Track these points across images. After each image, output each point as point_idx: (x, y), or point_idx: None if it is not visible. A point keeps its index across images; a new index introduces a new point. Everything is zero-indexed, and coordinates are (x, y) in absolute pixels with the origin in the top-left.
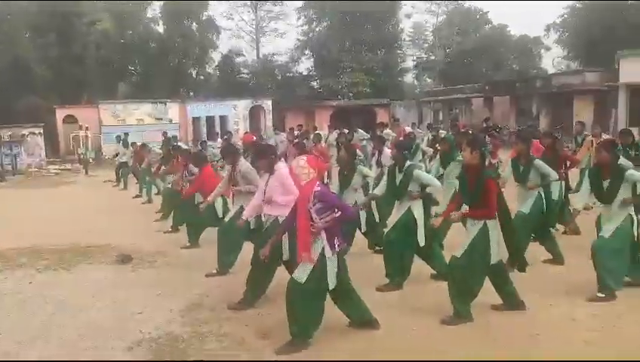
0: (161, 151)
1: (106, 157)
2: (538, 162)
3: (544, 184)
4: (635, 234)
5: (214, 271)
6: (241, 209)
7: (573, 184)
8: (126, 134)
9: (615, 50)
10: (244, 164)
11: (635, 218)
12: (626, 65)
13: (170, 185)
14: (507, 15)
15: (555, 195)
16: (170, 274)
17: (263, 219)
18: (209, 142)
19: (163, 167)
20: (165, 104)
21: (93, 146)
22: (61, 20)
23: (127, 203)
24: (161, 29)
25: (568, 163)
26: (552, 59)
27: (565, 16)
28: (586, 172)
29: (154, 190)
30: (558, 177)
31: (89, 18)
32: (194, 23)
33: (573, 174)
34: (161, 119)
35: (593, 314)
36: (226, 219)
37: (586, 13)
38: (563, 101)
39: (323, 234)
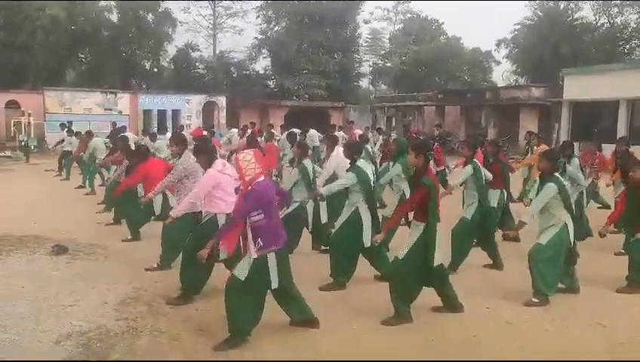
0: (107, 141)
1: (50, 146)
2: (466, 167)
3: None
4: (571, 241)
5: (155, 266)
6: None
7: (515, 193)
8: (70, 122)
9: (560, 68)
10: (184, 157)
11: (570, 226)
12: (570, 83)
13: (114, 177)
14: (461, 28)
15: (494, 203)
16: (107, 266)
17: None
18: (159, 136)
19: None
20: (116, 94)
21: (35, 134)
22: (7, 2)
23: (69, 193)
24: (115, 18)
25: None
26: (502, 73)
27: (515, 32)
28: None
29: (98, 181)
30: (490, 177)
31: (38, 2)
32: (149, 14)
33: (516, 183)
34: (111, 110)
35: (527, 319)
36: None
37: (534, 31)
38: (510, 113)
39: (249, 234)
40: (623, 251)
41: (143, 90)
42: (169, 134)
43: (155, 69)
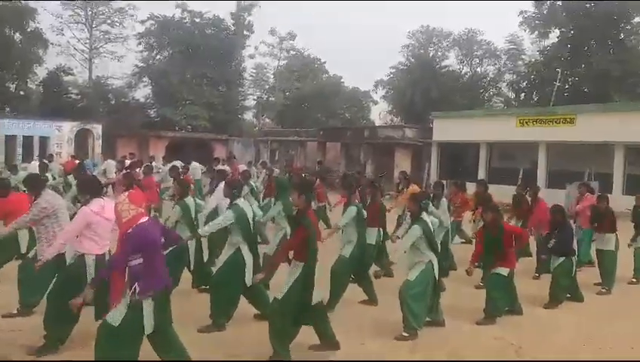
0: None
1: None
2: (349, 208)
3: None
4: (436, 277)
5: (14, 312)
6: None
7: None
8: None
9: (430, 111)
10: (43, 197)
11: (435, 263)
12: (438, 125)
13: None
14: (342, 67)
15: (371, 241)
16: None
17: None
18: (23, 165)
19: None
20: None
21: None
22: None
23: None
24: None
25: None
26: (379, 113)
27: (391, 75)
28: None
29: None
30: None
31: None
32: (17, 33)
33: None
34: None
35: (396, 353)
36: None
37: (407, 75)
38: (386, 151)
39: (126, 278)
40: (482, 284)
41: (6, 114)
42: (35, 163)
43: (22, 92)
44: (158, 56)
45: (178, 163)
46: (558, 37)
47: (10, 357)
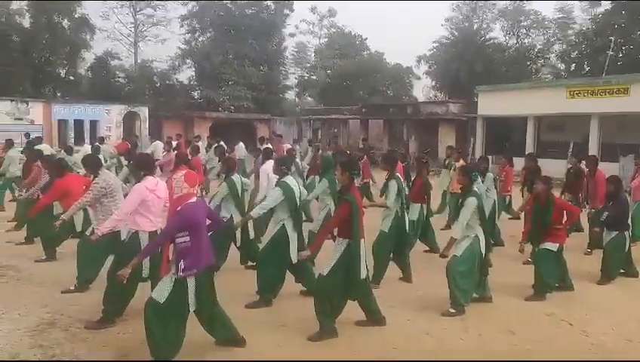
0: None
1: None
2: (391, 183)
3: (386, 206)
4: (483, 252)
5: (72, 288)
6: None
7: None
8: None
9: (474, 84)
10: (101, 177)
11: (481, 238)
12: (483, 99)
13: (26, 192)
14: (384, 43)
15: (414, 216)
16: (20, 290)
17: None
18: (76, 148)
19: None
20: (27, 103)
21: None
22: None
23: None
24: (27, 22)
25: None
26: (422, 88)
27: (434, 50)
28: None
29: (8, 196)
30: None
31: None
32: (65, 20)
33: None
34: (22, 119)
35: (444, 329)
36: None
37: (450, 49)
38: (430, 128)
39: (174, 254)
40: (530, 260)
41: (57, 99)
42: (87, 146)
43: (72, 77)
44: (200, 38)
45: (224, 144)
46: (611, 3)
47: (71, 330)
